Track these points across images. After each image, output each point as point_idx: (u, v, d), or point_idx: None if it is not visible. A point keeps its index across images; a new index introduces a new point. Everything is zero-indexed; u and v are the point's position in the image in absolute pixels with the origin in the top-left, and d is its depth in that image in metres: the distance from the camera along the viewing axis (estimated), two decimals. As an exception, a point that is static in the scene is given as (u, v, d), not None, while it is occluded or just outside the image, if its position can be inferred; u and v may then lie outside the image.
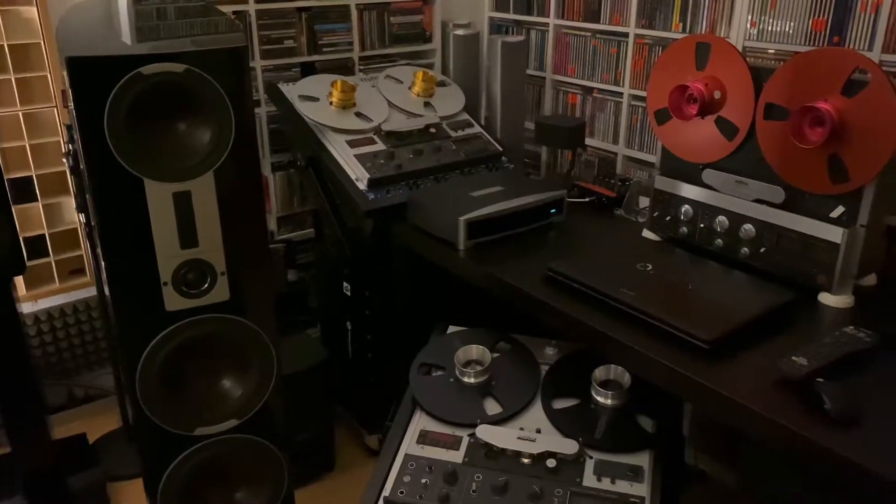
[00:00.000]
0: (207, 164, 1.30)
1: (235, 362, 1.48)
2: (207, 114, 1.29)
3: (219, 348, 1.44)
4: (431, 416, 1.66)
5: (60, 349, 2.57)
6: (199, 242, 1.34)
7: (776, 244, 1.69)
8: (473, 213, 1.92)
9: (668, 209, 1.91)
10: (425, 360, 1.81)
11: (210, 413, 1.47)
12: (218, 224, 1.35)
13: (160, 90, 1.24)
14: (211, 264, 1.37)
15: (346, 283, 2.32)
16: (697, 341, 1.43)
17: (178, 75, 1.24)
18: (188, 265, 1.35)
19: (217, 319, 1.40)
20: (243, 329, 1.44)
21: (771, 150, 1.66)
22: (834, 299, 1.62)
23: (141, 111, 1.24)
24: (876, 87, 1.46)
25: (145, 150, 1.26)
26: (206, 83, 1.26)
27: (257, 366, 1.49)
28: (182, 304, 1.37)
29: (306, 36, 2.61)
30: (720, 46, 1.73)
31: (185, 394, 1.45)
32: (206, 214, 1.33)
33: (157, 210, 1.29)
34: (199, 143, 1.30)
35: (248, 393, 1.49)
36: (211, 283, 1.38)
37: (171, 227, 1.32)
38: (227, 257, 1.38)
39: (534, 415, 1.65)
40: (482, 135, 2.46)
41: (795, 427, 1.22)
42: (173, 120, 1.29)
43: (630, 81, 2.38)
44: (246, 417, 1.50)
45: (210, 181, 1.32)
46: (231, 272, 1.39)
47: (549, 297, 1.67)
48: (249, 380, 1.49)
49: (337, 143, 2.22)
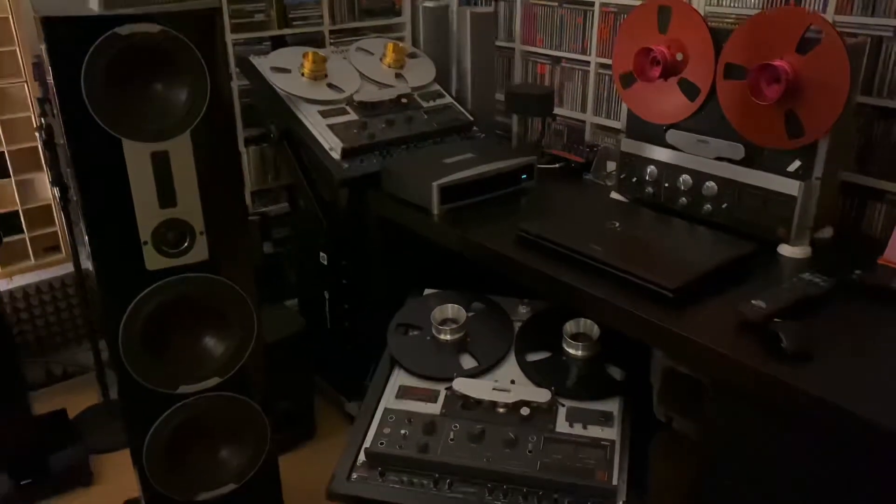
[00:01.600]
0: (184, 125, 1.33)
1: (216, 321, 1.51)
2: (183, 75, 1.31)
3: (200, 308, 1.48)
4: (409, 372, 1.71)
5: (37, 327, 2.58)
6: (177, 202, 1.37)
7: (737, 200, 1.76)
8: (446, 178, 1.97)
9: (634, 171, 1.97)
10: (402, 321, 1.86)
11: (192, 371, 1.50)
12: (195, 184, 1.37)
13: (136, 51, 1.26)
14: (190, 224, 1.40)
15: (322, 253, 2.35)
16: (663, 290, 1.49)
17: (153, 36, 1.26)
18: (167, 225, 1.38)
19: (197, 279, 1.43)
20: (223, 288, 1.47)
21: (731, 108, 1.73)
22: (792, 250, 1.69)
23: (117, 72, 1.26)
24: (828, 43, 1.53)
25: (123, 111, 1.28)
26: (181, 44, 1.28)
27: (238, 325, 1.53)
28: (162, 263, 1.40)
29: (276, 10, 2.62)
30: (681, 9, 1.78)
31: (167, 353, 1.48)
32: (183, 174, 1.36)
33: (135, 170, 1.32)
34: (175, 104, 1.32)
35: (229, 351, 1.53)
36: (190, 242, 1.41)
37: (150, 187, 1.34)
38: (206, 217, 1.41)
39: (508, 368, 1.71)
40: (453, 105, 2.50)
41: (755, 364, 1.29)
42: (150, 80, 1.31)
43: (596, 50, 2.43)
44: (228, 375, 1.54)
45: (187, 141, 1.34)
46: (210, 232, 1.42)
47: (521, 257, 1.73)
48: (231, 338, 1.52)
49: (310, 113, 2.25)
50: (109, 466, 2.35)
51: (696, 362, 1.40)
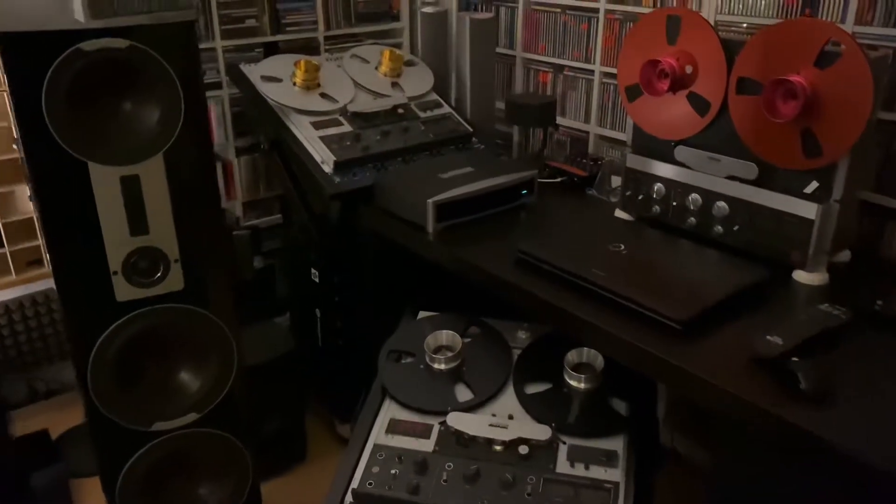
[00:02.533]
0: (156, 146, 1.24)
1: (193, 354, 1.42)
2: (154, 92, 1.22)
3: (175, 339, 1.38)
4: (401, 404, 1.61)
5: (19, 343, 2.49)
6: (149, 229, 1.28)
7: (750, 221, 1.66)
8: (442, 195, 1.87)
9: (640, 188, 1.87)
10: (394, 347, 1.77)
11: (168, 407, 1.41)
12: (169, 209, 1.28)
13: (102, 68, 1.17)
14: (163, 251, 1.30)
15: (313, 269, 2.26)
16: (670, 322, 1.40)
17: (120, 51, 1.16)
18: (139, 253, 1.28)
19: (172, 309, 1.34)
20: (200, 319, 1.38)
21: (743, 125, 1.63)
22: (808, 277, 1.59)
23: (82, 91, 1.16)
24: (849, 58, 1.43)
25: (88, 132, 1.19)
26: (152, 60, 1.19)
27: (216, 357, 1.44)
28: (134, 293, 1.31)
29: (269, 15, 2.53)
30: (691, 19, 1.68)
31: (140, 387, 1.39)
32: (156, 199, 1.27)
33: (103, 195, 1.23)
34: (146, 124, 1.23)
35: (207, 385, 1.44)
36: (164, 271, 1.32)
37: (120, 213, 1.25)
38: (181, 244, 1.32)
39: (506, 400, 1.61)
40: (452, 115, 2.40)
41: (770, 406, 1.20)
42: (118, 99, 1.22)
43: (601, 58, 2.33)
44: (206, 411, 1.45)
45: (160, 164, 1.25)
46: (185, 260, 1.33)
47: (519, 280, 1.63)
48: (208, 371, 1.43)
49: (301, 124, 2.15)
50: (91, 490, 2.26)
51: (706, 401, 1.30)
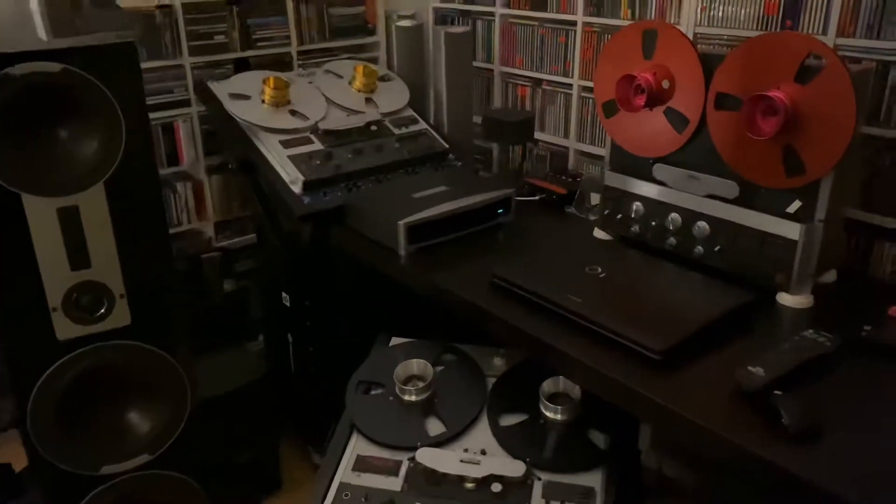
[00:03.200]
0: (96, 175, 1.16)
1: (143, 392, 1.34)
2: (93, 118, 1.14)
3: (123, 378, 1.31)
4: (369, 439, 1.54)
5: (-18, 372, 2.39)
6: (91, 262, 1.20)
7: (731, 242, 1.60)
8: (414, 216, 1.80)
9: (619, 207, 1.81)
10: (363, 378, 1.69)
11: (118, 449, 1.33)
12: (113, 241, 1.21)
13: (35, 93, 1.10)
14: (107, 286, 1.23)
15: (284, 292, 2.18)
16: (648, 352, 1.32)
17: (54, 76, 1.09)
18: (80, 288, 1.21)
19: (118, 347, 1.26)
20: (149, 355, 1.30)
21: (723, 142, 1.56)
22: (792, 299, 1.52)
23: (13, 118, 1.09)
24: (831, 72, 1.37)
25: (21, 162, 1.11)
26: (89, 84, 1.11)
27: (169, 394, 1.36)
28: (76, 331, 1.23)
29: (238, 30, 2.46)
30: (668, 33, 1.62)
31: (87, 429, 1.31)
32: (98, 231, 1.19)
33: (39, 228, 1.15)
34: (85, 152, 1.15)
35: (159, 425, 1.36)
36: (109, 306, 1.24)
37: (58, 247, 1.17)
38: (126, 277, 1.24)
39: (479, 433, 1.54)
40: (427, 132, 2.33)
41: (751, 446, 1.12)
42: (53, 126, 1.14)
43: (579, 72, 2.27)
44: (159, 452, 1.37)
45: (100, 194, 1.17)
46: (132, 294, 1.25)
47: (493, 306, 1.56)
48: (160, 410, 1.35)
49: (270, 143, 2.08)
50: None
51: (685, 438, 1.23)
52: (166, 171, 2.38)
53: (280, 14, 2.53)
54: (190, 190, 2.45)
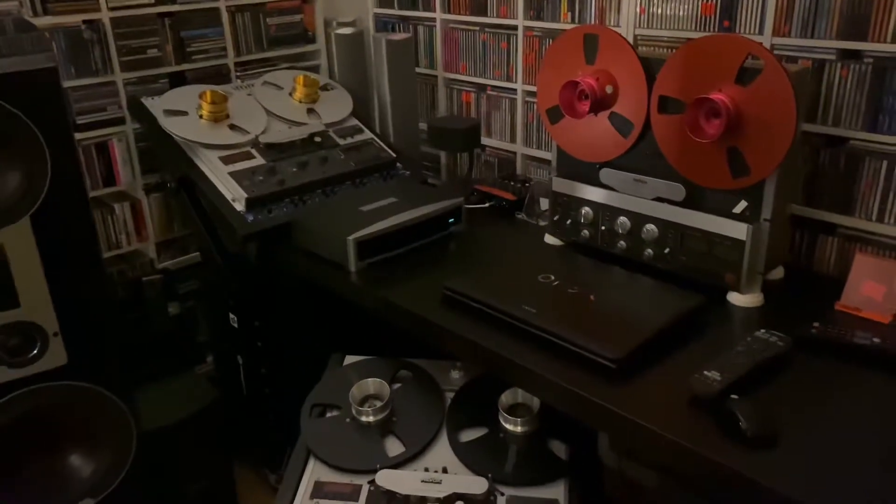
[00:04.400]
0: (21, 210, 1.09)
1: (84, 433, 1.27)
2: (14, 149, 1.08)
3: (61, 420, 1.24)
4: (326, 464, 1.49)
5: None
6: (20, 301, 1.13)
7: (680, 244, 1.60)
8: (363, 230, 1.76)
9: (568, 212, 1.80)
10: (318, 400, 1.65)
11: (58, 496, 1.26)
12: (42, 277, 1.14)
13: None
14: (39, 325, 1.16)
15: (231, 314, 2.11)
16: (604, 360, 1.31)
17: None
18: (9, 329, 1.14)
19: (53, 388, 1.19)
20: (89, 395, 1.23)
21: (668, 145, 1.57)
22: (743, 299, 1.54)
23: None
24: (770, 73, 1.38)
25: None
26: (9, 115, 1.05)
27: (111, 433, 1.29)
28: (7, 375, 1.16)
29: (172, 44, 2.38)
30: (609, 37, 1.62)
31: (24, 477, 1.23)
32: (26, 267, 1.12)
33: (-41, 268, 1.08)
34: (7, 186, 1.08)
35: (103, 466, 1.29)
36: (42, 346, 1.17)
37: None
38: (60, 314, 1.17)
39: (440, 451, 1.51)
40: (374, 141, 2.30)
41: (710, 453, 1.12)
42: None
43: (522, 76, 2.26)
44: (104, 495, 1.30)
45: (26, 228, 1.11)
46: (67, 331, 1.19)
47: (445, 320, 1.53)
48: (103, 451, 1.29)
49: (209, 160, 2.02)
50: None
51: (644, 447, 1.22)
52: (102, 191, 2.29)
53: (215, 25, 2.45)
54: (128, 210, 2.36)
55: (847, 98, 1.59)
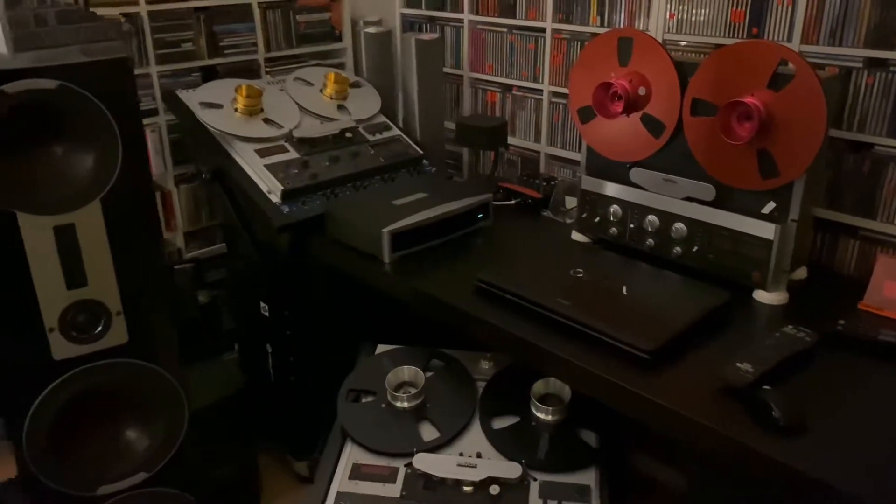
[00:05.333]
0: (93, 193, 1.14)
1: (140, 410, 1.32)
2: (89, 135, 1.13)
3: (120, 396, 1.29)
4: (363, 447, 1.54)
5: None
6: (87, 280, 1.18)
7: (708, 242, 1.65)
8: (397, 223, 1.81)
9: (597, 210, 1.85)
10: (354, 386, 1.70)
11: (114, 469, 1.31)
12: (109, 258, 1.19)
13: (29, 111, 1.07)
14: (104, 304, 1.21)
15: (263, 302, 2.16)
16: (637, 352, 1.37)
17: (49, 93, 1.07)
18: (77, 307, 1.18)
19: (115, 365, 1.24)
20: (147, 373, 1.28)
21: (699, 146, 1.62)
22: (769, 296, 1.59)
23: (7, 135, 1.07)
24: (802, 79, 1.43)
25: (15, 181, 1.09)
26: (85, 101, 1.10)
27: (165, 411, 1.34)
28: (72, 351, 1.21)
29: (205, 38, 2.43)
30: (643, 41, 1.67)
31: (83, 451, 1.28)
32: (94, 248, 1.17)
33: (35, 247, 1.12)
34: (80, 169, 1.13)
35: (156, 442, 1.34)
36: (105, 324, 1.22)
37: (55, 266, 1.15)
38: (123, 294, 1.22)
39: (473, 437, 1.56)
40: (401, 138, 2.35)
41: (745, 439, 1.17)
42: (48, 144, 1.12)
43: (549, 78, 2.31)
44: (156, 469, 1.35)
45: (97, 211, 1.16)
46: (128, 311, 1.23)
47: (479, 311, 1.58)
48: (158, 428, 1.34)
49: (245, 152, 2.07)
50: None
51: (678, 434, 1.28)
52: (134, 181, 2.33)
53: (247, 21, 2.50)
54: (159, 201, 2.41)
55: (872, 105, 1.65)
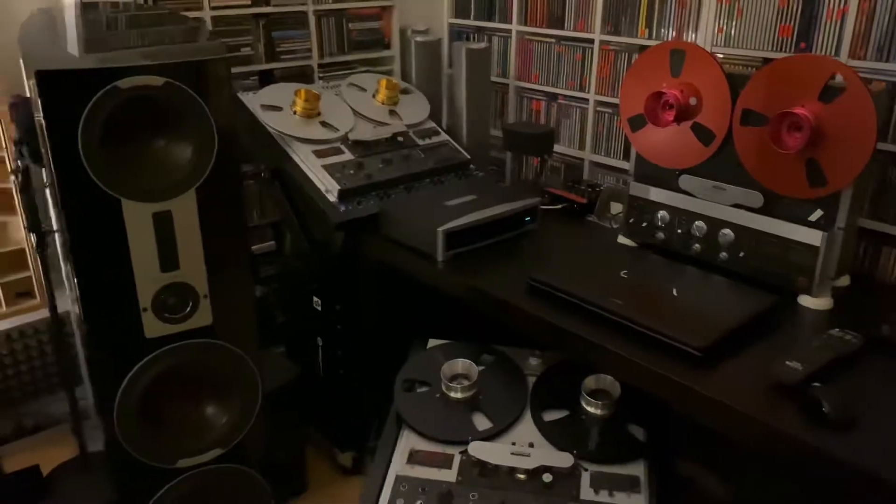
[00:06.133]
0: (189, 182, 1.23)
1: (219, 388, 1.41)
2: (188, 129, 1.21)
3: (201, 375, 1.37)
4: (420, 434, 1.61)
5: (7, 377, 2.42)
6: (180, 264, 1.27)
7: (755, 248, 1.71)
8: (451, 223, 1.89)
9: (644, 215, 1.92)
10: (409, 376, 1.77)
11: (194, 443, 1.39)
12: (200, 245, 1.27)
13: (137, 105, 1.17)
14: (193, 287, 1.29)
15: (315, 297, 2.25)
16: (690, 349, 1.43)
17: (156, 89, 1.16)
18: (169, 289, 1.27)
19: (201, 345, 1.32)
20: (227, 354, 1.36)
21: (748, 155, 1.68)
22: (814, 301, 1.64)
23: (117, 128, 1.16)
24: (853, 93, 1.49)
25: (122, 169, 1.18)
26: (187, 96, 1.19)
27: (241, 391, 1.42)
28: (162, 330, 1.29)
29: (264, 43, 2.53)
30: (695, 53, 1.74)
31: (165, 424, 1.37)
32: (187, 235, 1.26)
33: (135, 232, 1.21)
34: (179, 160, 1.22)
35: (232, 420, 1.42)
36: (193, 306, 1.30)
37: (151, 250, 1.24)
38: (210, 279, 1.31)
39: (524, 428, 1.63)
40: (449, 143, 2.43)
41: (796, 432, 1.23)
42: (152, 136, 1.21)
43: (595, 88, 2.38)
44: (231, 445, 1.43)
45: (192, 200, 1.24)
46: (214, 295, 1.32)
47: (534, 308, 1.65)
48: (233, 407, 1.42)
49: (303, 153, 2.16)
50: (87, 528, 2.20)
51: (729, 429, 1.33)
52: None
53: (303, 28, 2.60)
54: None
55: (918, 119, 1.70)
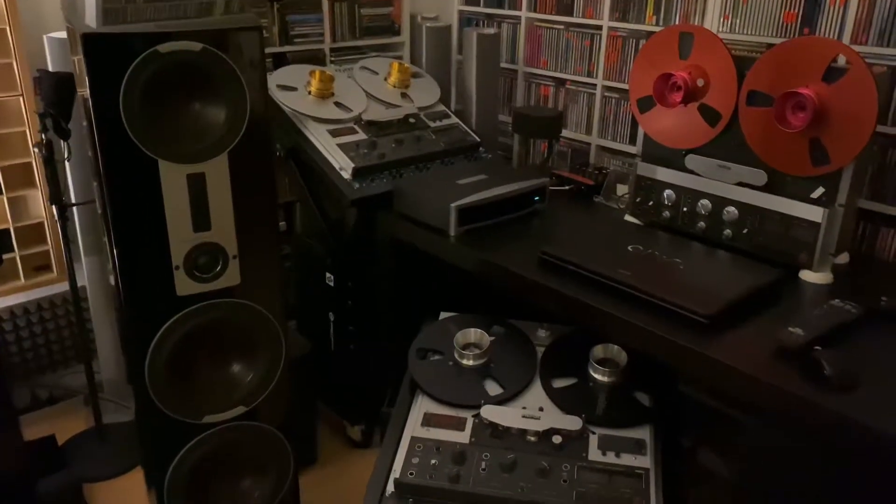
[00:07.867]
0: (222, 146, 1.28)
1: (244, 348, 1.46)
2: (222, 94, 1.27)
3: (228, 333, 1.42)
4: (434, 398, 1.67)
5: (23, 349, 2.47)
6: (211, 225, 1.32)
7: (759, 225, 1.77)
8: (464, 199, 1.95)
9: (651, 194, 1.98)
10: (422, 345, 1.83)
11: (219, 400, 1.44)
12: (231, 206, 1.33)
13: (175, 70, 1.22)
14: (223, 248, 1.35)
15: (329, 273, 2.30)
16: (697, 316, 1.49)
17: (194, 54, 1.21)
18: (200, 249, 1.33)
19: (229, 304, 1.38)
20: (254, 314, 1.42)
21: (753, 135, 1.74)
22: (815, 276, 1.70)
23: (156, 91, 1.21)
24: (856, 74, 1.55)
25: (160, 131, 1.23)
26: (222, 63, 1.24)
27: (266, 351, 1.48)
28: (193, 288, 1.35)
29: (278, 26, 2.58)
30: (704, 36, 1.80)
31: (193, 381, 1.42)
32: (219, 197, 1.31)
33: (170, 192, 1.27)
34: (214, 124, 1.27)
35: (257, 379, 1.47)
36: (223, 266, 1.36)
37: (185, 210, 1.29)
38: (240, 240, 1.36)
39: (534, 394, 1.68)
40: (459, 125, 2.48)
41: (801, 392, 1.29)
42: (188, 100, 1.26)
43: (603, 73, 2.44)
44: (254, 404, 1.49)
45: (224, 163, 1.30)
46: (243, 256, 1.37)
47: (545, 280, 1.71)
48: (258, 365, 1.47)
49: (318, 132, 2.21)
50: (102, 495, 2.25)
51: (736, 391, 1.39)
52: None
53: (316, 12, 2.66)
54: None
55: (917, 102, 1.76)
